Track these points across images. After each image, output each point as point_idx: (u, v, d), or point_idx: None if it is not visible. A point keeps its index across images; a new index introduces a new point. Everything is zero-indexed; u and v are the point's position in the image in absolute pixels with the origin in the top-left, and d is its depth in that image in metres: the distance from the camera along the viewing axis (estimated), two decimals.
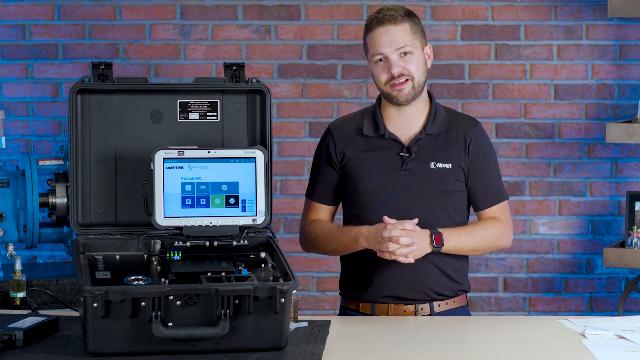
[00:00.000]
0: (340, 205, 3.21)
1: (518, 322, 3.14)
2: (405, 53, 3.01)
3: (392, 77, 3.01)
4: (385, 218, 2.93)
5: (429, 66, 3.09)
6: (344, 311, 3.18)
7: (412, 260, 2.93)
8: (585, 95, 4.62)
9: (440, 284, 3.08)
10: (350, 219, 3.12)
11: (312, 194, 3.19)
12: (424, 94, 3.10)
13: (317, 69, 4.64)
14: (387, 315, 3.07)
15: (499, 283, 4.65)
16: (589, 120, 4.63)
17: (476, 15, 4.60)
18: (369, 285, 3.09)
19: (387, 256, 2.92)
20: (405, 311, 3.07)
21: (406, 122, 3.10)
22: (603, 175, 4.63)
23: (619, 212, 4.63)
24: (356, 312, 3.13)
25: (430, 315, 3.07)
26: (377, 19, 3.03)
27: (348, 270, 3.17)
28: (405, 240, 2.90)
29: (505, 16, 4.61)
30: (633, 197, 4.41)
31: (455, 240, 3.01)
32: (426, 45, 3.09)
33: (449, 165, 3.06)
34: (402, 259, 2.92)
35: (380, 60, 3.03)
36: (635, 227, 4.37)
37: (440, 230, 2.99)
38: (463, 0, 4.60)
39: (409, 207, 3.03)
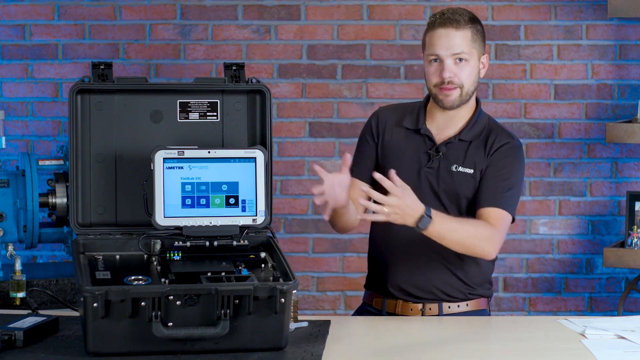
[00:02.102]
0: None
1: (518, 322, 3.14)
2: (460, 59, 2.99)
3: (442, 81, 3.00)
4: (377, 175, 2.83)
5: (482, 75, 3.06)
6: (362, 307, 3.19)
7: (383, 217, 2.78)
8: (585, 95, 4.62)
9: (448, 285, 3.08)
10: None
11: (354, 171, 3.04)
12: (472, 101, 3.08)
13: (317, 69, 4.64)
14: (395, 310, 3.07)
15: (499, 283, 4.65)
16: (589, 120, 4.63)
17: (476, 15, 4.60)
18: (382, 280, 3.10)
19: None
20: (412, 309, 3.07)
21: (445, 123, 3.09)
22: (603, 175, 4.63)
23: (619, 212, 4.63)
24: (370, 307, 3.14)
25: (438, 316, 3.07)
26: (441, 20, 3.01)
27: (370, 266, 3.19)
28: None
29: (505, 16, 4.61)
30: (633, 197, 4.41)
31: (440, 225, 2.86)
32: (484, 54, 3.06)
33: (471, 171, 3.04)
34: (374, 207, 2.78)
35: (435, 60, 3.01)
36: (635, 227, 4.37)
37: (433, 212, 2.85)
38: (463, 0, 4.60)
39: (425, 201, 3.02)
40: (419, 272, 3.06)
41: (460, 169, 3.05)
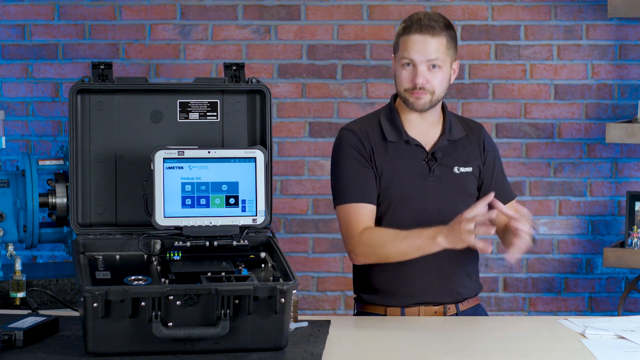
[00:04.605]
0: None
1: (518, 322, 3.15)
2: (434, 66, 2.99)
3: (415, 87, 3.00)
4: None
5: (451, 81, 3.07)
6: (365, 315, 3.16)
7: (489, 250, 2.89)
8: (585, 95, 4.62)
9: (463, 286, 3.11)
10: (376, 222, 3.08)
11: (356, 196, 3.04)
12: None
13: (317, 69, 4.64)
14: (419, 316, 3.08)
15: (499, 283, 4.65)
16: (589, 120, 4.63)
17: (476, 15, 4.61)
18: (397, 293, 3.07)
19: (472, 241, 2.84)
20: (435, 312, 3.07)
21: (425, 128, 3.10)
22: (603, 175, 4.63)
23: (619, 212, 4.63)
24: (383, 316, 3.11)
25: (456, 314, 3.09)
26: (419, 25, 2.99)
27: (371, 277, 3.12)
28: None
29: (505, 16, 4.61)
30: (633, 197, 4.41)
31: None
32: (456, 60, 3.06)
33: (470, 169, 3.10)
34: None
35: (408, 64, 3.01)
36: (635, 227, 4.37)
37: None
38: (463, 0, 4.60)
39: (438, 210, 3.03)
40: (440, 280, 3.06)
41: (462, 169, 3.09)
